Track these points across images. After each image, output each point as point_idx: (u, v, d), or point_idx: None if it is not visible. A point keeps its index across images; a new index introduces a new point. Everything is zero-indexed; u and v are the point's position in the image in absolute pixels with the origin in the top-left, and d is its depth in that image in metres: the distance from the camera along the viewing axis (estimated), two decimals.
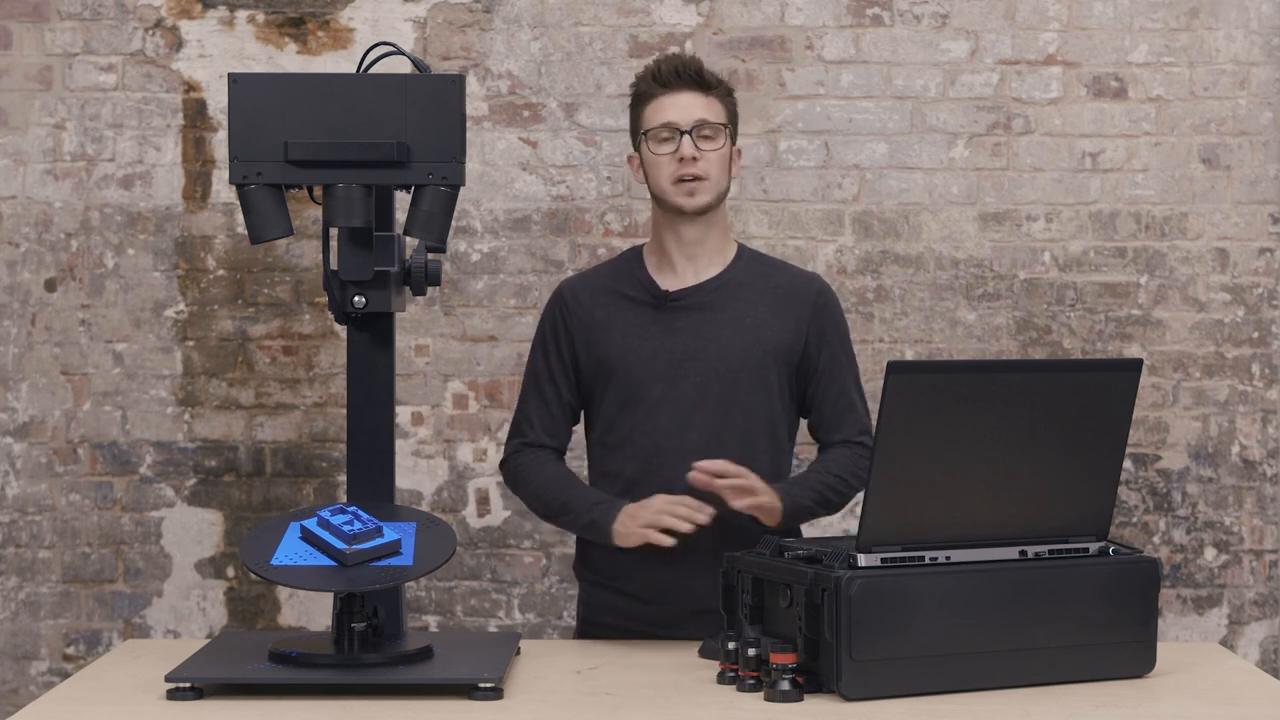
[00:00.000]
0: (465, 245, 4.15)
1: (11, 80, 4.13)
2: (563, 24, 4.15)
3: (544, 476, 2.96)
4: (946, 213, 4.16)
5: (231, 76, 2.58)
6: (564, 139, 4.15)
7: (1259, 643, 4.17)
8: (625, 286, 2.97)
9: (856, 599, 2.31)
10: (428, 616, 4.15)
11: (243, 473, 4.15)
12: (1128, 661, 2.50)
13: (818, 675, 2.35)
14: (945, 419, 2.36)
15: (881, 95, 4.16)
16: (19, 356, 4.13)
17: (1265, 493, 4.17)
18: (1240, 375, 4.16)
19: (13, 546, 4.13)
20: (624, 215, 4.15)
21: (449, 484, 4.16)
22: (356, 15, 4.14)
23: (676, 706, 2.35)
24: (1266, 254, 4.16)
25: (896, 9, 4.15)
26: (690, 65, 2.92)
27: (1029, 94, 4.15)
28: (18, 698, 4.10)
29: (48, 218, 4.14)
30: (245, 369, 4.15)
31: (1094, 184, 4.16)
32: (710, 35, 4.15)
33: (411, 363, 4.14)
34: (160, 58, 4.14)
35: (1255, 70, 4.15)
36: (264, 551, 2.49)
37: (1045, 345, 4.15)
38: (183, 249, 4.15)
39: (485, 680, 2.37)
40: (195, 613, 4.14)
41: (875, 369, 4.06)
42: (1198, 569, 4.18)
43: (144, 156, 4.14)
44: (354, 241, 2.58)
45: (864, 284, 4.15)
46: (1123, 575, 2.49)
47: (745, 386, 2.91)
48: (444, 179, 2.57)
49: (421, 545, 2.52)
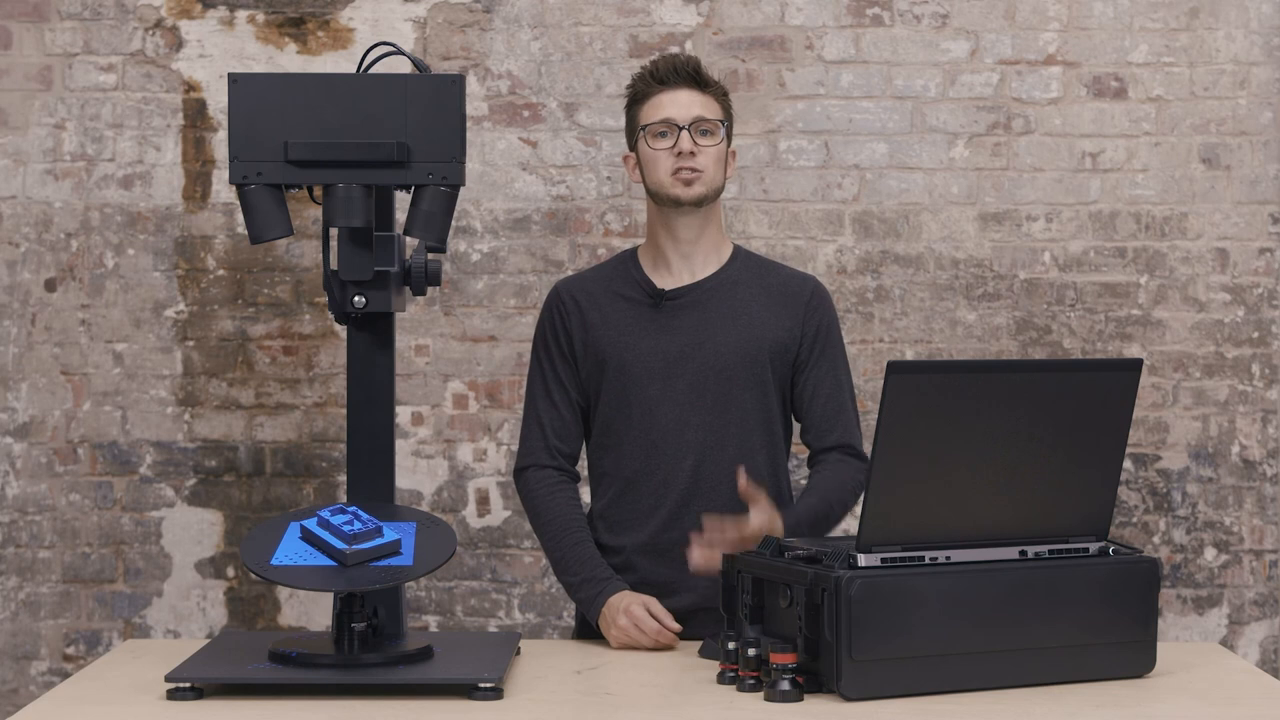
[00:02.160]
0: (465, 245, 4.15)
1: (11, 80, 4.14)
2: (563, 24, 4.15)
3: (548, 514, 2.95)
4: (946, 213, 4.16)
5: (231, 76, 2.58)
6: (564, 139, 4.15)
7: (1259, 643, 4.17)
8: (621, 286, 2.97)
9: (856, 599, 2.31)
10: (428, 616, 4.15)
11: (243, 473, 4.15)
12: (1128, 661, 2.50)
13: (818, 675, 2.35)
14: (945, 419, 2.36)
15: (881, 95, 4.16)
16: (19, 356, 4.13)
17: (1265, 493, 4.17)
18: (1240, 375, 4.16)
19: (13, 546, 4.13)
20: (624, 215, 4.15)
21: (449, 484, 4.16)
22: (356, 15, 4.14)
23: (676, 706, 2.35)
24: (1266, 254, 4.16)
25: (896, 9, 4.15)
26: (688, 64, 2.92)
27: (1029, 94, 4.15)
28: (18, 698, 4.10)
29: (48, 218, 4.14)
30: (245, 369, 4.15)
31: (1094, 184, 4.16)
32: (710, 35, 4.15)
33: (411, 363, 4.14)
34: (160, 58, 4.14)
35: (1255, 70, 4.15)
36: (264, 551, 2.49)
37: (1045, 345, 4.15)
38: (183, 249, 4.15)
39: (485, 680, 2.37)
40: (195, 613, 4.14)
41: (875, 369, 4.06)
42: (1198, 569, 4.18)
43: (144, 156, 4.14)
44: (354, 241, 2.58)
45: (864, 284, 4.15)
46: (1123, 575, 2.49)
47: (742, 385, 2.91)
48: (444, 179, 2.57)
49: (421, 545, 2.52)
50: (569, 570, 2.91)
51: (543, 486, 2.96)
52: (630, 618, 2.77)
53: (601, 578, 2.86)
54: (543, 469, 2.97)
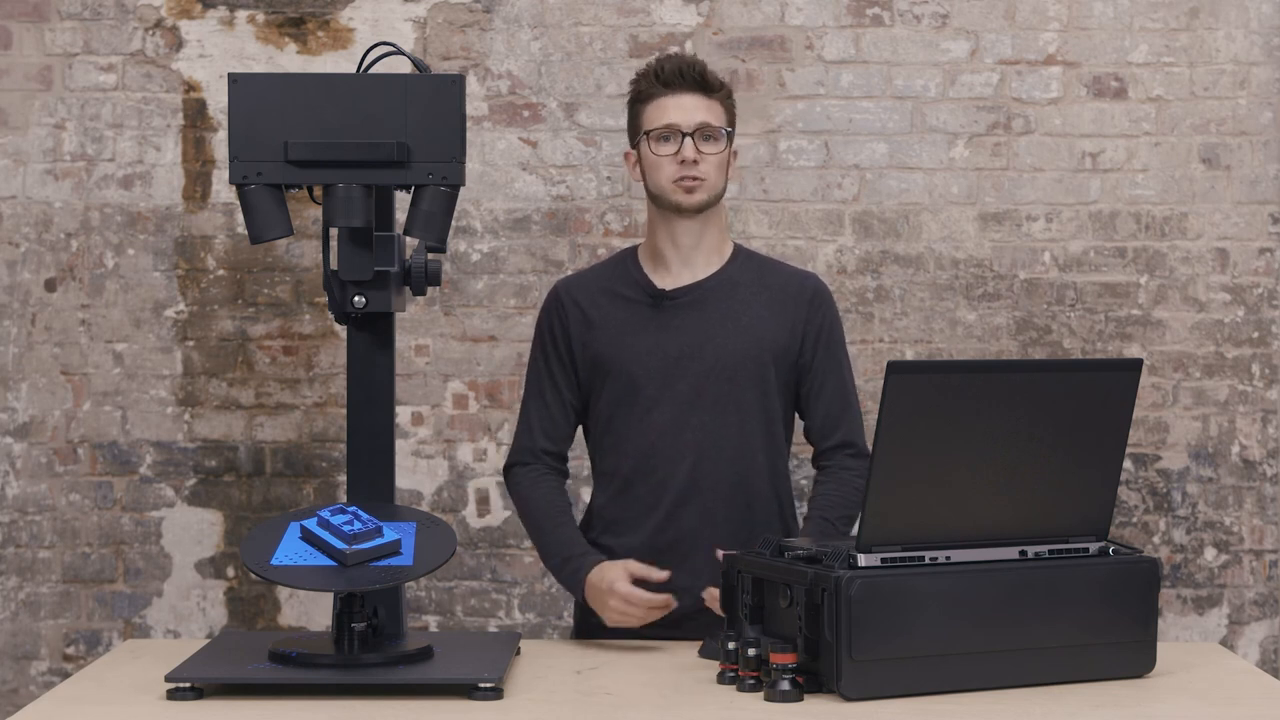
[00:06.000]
0: (465, 245, 4.15)
1: (11, 80, 4.13)
2: (563, 24, 4.15)
3: (530, 504, 2.97)
4: (946, 213, 4.16)
5: (231, 76, 2.58)
6: (564, 139, 4.15)
7: (1259, 643, 4.17)
8: (621, 286, 2.97)
9: (856, 599, 2.31)
10: (428, 616, 4.15)
11: (243, 473, 4.15)
12: (1128, 661, 2.50)
13: (818, 675, 2.36)
14: (945, 419, 2.36)
15: (881, 95, 4.16)
16: (19, 356, 4.13)
17: (1265, 493, 4.17)
18: (1240, 375, 4.16)
19: (13, 546, 4.13)
20: (624, 215, 4.15)
21: (449, 484, 4.16)
22: (356, 15, 4.14)
23: (676, 706, 2.35)
24: (1266, 254, 4.16)
25: (896, 9, 4.15)
26: (694, 67, 2.91)
27: (1029, 94, 4.15)
28: (18, 698, 4.10)
29: (48, 218, 4.14)
30: (245, 369, 4.15)
31: (1094, 184, 4.16)
32: (710, 35, 4.15)
33: (411, 363, 4.14)
34: (160, 58, 4.14)
35: (1255, 70, 4.15)
36: (264, 551, 2.49)
37: (1045, 345, 4.15)
38: (183, 249, 4.15)
39: (485, 680, 2.37)
40: (195, 613, 4.14)
41: (875, 369, 4.06)
42: (1198, 569, 4.18)
43: (144, 156, 4.14)
44: (354, 241, 2.58)
45: (864, 284, 4.15)
46: (1123, 575, 2.49)
47: (742, 385, 2.90)
48: (444, 179, 2.57)
49: (421, 545, 2.52)
50: (550, 555, 2.92)
51: (526, 480, 2.98)
52: (618, 596, 2.77)
53: (578, 554, 2.87)
54: (527, 465, 2.98)
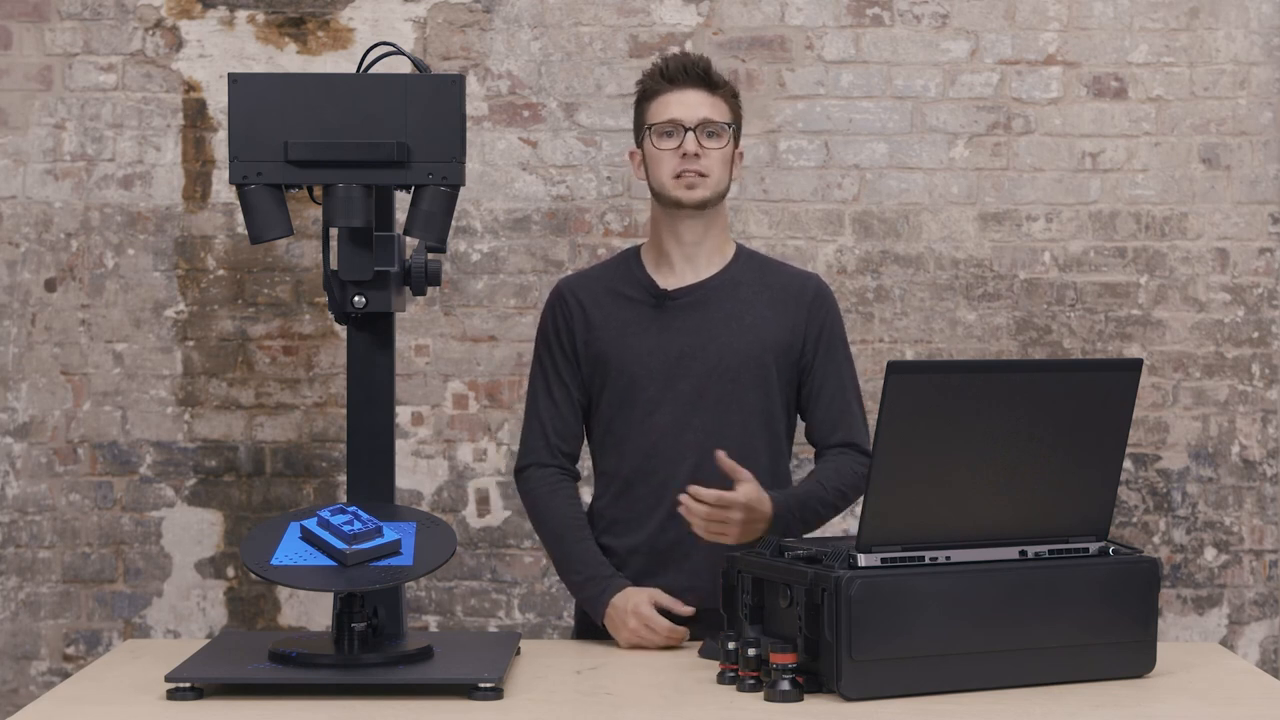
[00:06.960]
0: (465, 245, 4.15)
1: (11, 80, 4.14)
2: (563, 24, 4.15)
3: (550, 513, 2.94)
4: (946, 213, 4.16)
5: (231, 76, 2.58)
6: (564, 139, 4.15)
7: (1259, 643, 4.17)
8: (623, 285, 2.97)
9: (856, 599, 2.31)
10: (428, 616, 4.15)
11: (243, 473, 4.15)
12: (1128, 661, 2.50)
13: (818, 675, 2.35)
14: (945, 419, 2.36)
15: (881, 95, 4.16)
16: (19, 356, 4.13)
17: (1265, 493, 4.17)
18: (1240, 375, 4.16)
19: (13, 546, 4.13)
20: (624, 215, 4.15)
21: (449, 484, 4.16)
22: (356, 15, 4.14)
23: (676, 706, 2.35)
24: (1266, 254, 4.16)
25: (896, 9, 4.15)
26: (698, 64, 2.91)
27: (1029, 94, 4.15)
28: (18, 698, 4.10)
29: (48, 218, 4.14)
30: (245, 369, 4.15)
31: (1094, 184, 4.16)
32: (710, 35, 4.15)
33: (411, 363, 4.14)
34: (160, 58, 4.14)
35: (1255, 70, 4.15)
36: (264, 551, 2.49)
37: (1045, 345, 4.15)
38: (183, 249, 4.15)
39: (485, 680, 2.37)
40: (195, 613, 4.14)
41: (875, 369, 4.06)
42: (1198, 569, 4.18)
43: (144, 156, 4.14)
44: (354, 241, 2.58)
45: (864, 284, 4.15)
46: (1123, 575, 2.49)
47: (744, 385, 2.90)
48: (444, 179, 2.57)
49: (421, 545, 2.52)
50: (572, 569, 2.90)
51: (543, 485, 2.95)
52: (640, 618, 2.77)
53: (604, 575, 2.86)
54: (543, 468, 2.96)
